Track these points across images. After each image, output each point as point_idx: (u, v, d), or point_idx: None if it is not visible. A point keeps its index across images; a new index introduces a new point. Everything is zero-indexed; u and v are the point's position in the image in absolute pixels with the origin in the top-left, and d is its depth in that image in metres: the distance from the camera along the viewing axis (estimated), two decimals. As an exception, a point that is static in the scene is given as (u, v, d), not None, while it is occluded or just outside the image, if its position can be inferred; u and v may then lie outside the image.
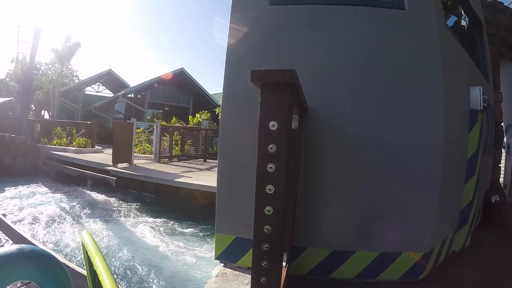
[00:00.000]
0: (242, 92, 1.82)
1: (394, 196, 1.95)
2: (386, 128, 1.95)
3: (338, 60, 1.92)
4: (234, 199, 1.85)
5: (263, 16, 1.91)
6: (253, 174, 1.77)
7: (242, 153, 1.78)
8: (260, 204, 0.91)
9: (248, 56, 1.87)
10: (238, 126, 1.82)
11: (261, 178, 0.89)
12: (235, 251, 1.88)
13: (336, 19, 1.93)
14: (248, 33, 1.88)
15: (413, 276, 1.95)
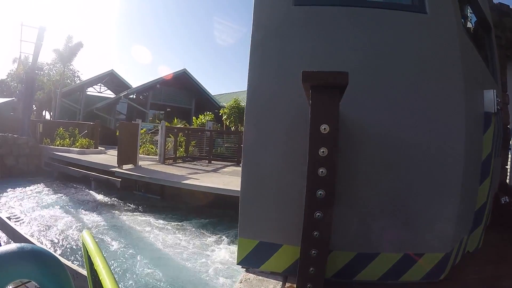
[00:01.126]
0: (267, 93, 1.83)
1: (416, 198, 1.97)
2: (408, 130, 1.97)
3: (360, 62, 1.94)
4: (259, 203, 1.84)
5: (287, 16, 1.92)
6: (278, 178, 1.79)
7: (267, 157, 1.79)
8: (310, 209, 0.90)
9: (272, 56, 1.88)
10: (263, 128, 1.82)
11: (311, 183, 0.89)
12: (258, 256, 1.87)
13: (358, 22, 1.96)
14: (272, 33, 1.89)
15: (434, 276, 1.96)
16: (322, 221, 0.90)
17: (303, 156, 1.77)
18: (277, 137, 1.81)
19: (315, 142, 0.88)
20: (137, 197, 6.93)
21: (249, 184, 1.85)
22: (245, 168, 1.85)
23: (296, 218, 1.76)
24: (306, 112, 1.77)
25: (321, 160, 0.87)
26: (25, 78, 12.32)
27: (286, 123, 1.79)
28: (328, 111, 0.87)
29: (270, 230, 1.82)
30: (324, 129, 0.86)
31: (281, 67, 1.86)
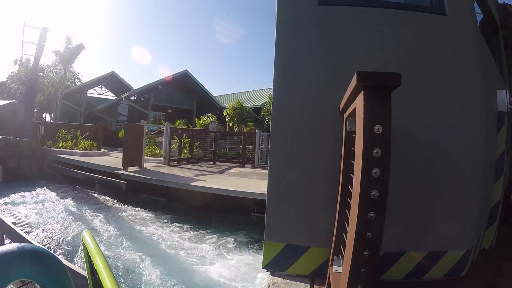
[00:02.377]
0: (293, 95, 1.86)
1: (439, 197, 2.01)
2: (430, 131, 2.01)
3: (386, 63, 1.98)
4: (286, 206, 1.85)
5: (311, 15, 1.96)
6: (306, 180, 1.82)
7: (295, 159, 1.81)
8: (363, 210, 0.92)
9: (298, 56, 1.91)
10: (290, 131, 1.84)
11: (365, 183, 0.91)
12: (284, 259, 1.88)
13: (381, 22, 2.00)
14: (297, 33, 1.93)
15: (455, 273, 2.00)
16: (375, 222, 0.92)
17: (331, 158, 1.81)
18: (304, 139, 1.83)
19: (369, 142, 0.91)
20: (143, 200, 6.91)
21: (276, 187, 1.86)
22: (272, 171, 1.86)
23: (324, 220, 1.80)
24: (333, 113, 1.82)
25: (375, 160, 0.90)
26: (26, 79, 12.32)
27: (313, 125, 1.82)
28: (381, 111, 0.90)
29: (297, 232, 1.83)
30: (378, 129, 0.89)
31: (307, 67, 1.89)
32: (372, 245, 0.97)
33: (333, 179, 1.75)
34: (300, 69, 1.91)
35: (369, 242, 0.96)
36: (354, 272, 0.99)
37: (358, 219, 0.94)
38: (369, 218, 0.94)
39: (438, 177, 2.02)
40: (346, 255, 1.11)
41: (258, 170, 9.22)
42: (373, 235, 0.96)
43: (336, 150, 1.76)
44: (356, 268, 0.99)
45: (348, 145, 1.57)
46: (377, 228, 0.95)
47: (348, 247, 1.08)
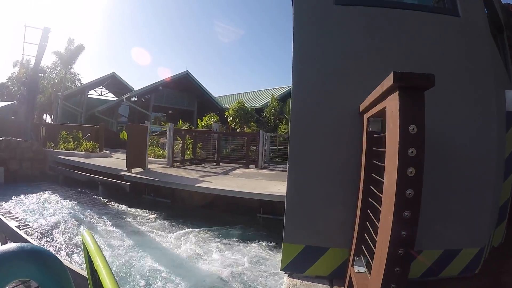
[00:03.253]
0: (311, 94, 1.88)
1: (454, 195, 2.04)
2: (445, 130, 2.04)
3: (398, 61, 2.01)
4: (306, 207, 1.87)
5: (328, 15, 1.98)
6: (325, 181, 1.84)
7: (315, 159, 1.82)
8: (399, 209, 0.94)
9: (315, 54, 1.93)
10: (309, 131, 1.86)
11: (401, 183, 0.93)
12: (303, 261, 1.90)
13: (397, 23, 2.03)
14: (314, 33, 1.95)
15: (470, 271, 2.03)
16: (410, 220, 0.95)
17: (349, 158, 1.83)
18: (322, 140, 1.85)
19: (404, 142, 0.93)
20: (149, 201, 6.90)
21: (295, 189, 1.87)
22: (291, 173, 1.87)
23: (343, 220, 1.81)
24: (351, 114, 1.84)
25: (410, 160, 0.93)
26: (27, 80, 12.33)
27: (331, 125, 1.84)
28: (416, 112, 0.93)
29: (316, 233, 1.84)
30: (412, 129, 0.92)
31: (324, 68, 1.92)
32: (406, 244, 0.99)
33: (352, 179, 1.78)
34: (318, 70, 1.93)
35: (404, 241, 0.98)
36: (388, 271, 1.01)
37: (394, 218, 0.96)
38: (404, 217, 0.97)
39: (453, 176, 2.04)
40: (377, 255, 1.13)
41: (262, 171, 9.23)
42: (408, 233, 0.98)
43: (355, 150, 1.78)
44: (391, 267, 1.01)
45: (369, 145, 1.59)
46: (411, 227, 0.97)
47: (380, 246, 1.10)
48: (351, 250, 1.73)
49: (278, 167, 10.34)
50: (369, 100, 1.40)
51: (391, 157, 1.03)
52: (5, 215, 5.72)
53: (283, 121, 14.62)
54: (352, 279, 1.63)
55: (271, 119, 14.85)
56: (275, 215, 5.82)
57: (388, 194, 1.04)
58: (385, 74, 1.94)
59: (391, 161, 1.03)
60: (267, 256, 4.49)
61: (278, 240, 4.90)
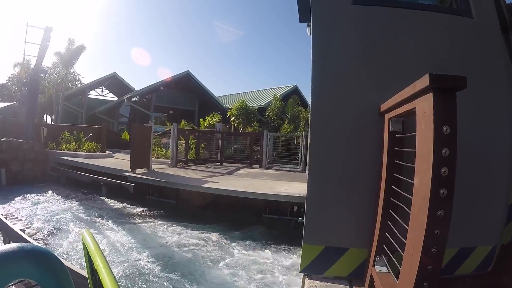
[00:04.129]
0: (331, 94, 1.89)
1: (469, 194, 2.06)
2: (460, 129, 2.07)
3: (414, 61, 2.02)
4: (326, 208, 1.88)
5: (345, 15, 2.00)
6: (346, 181, 1.85)
7: (335, 160, 1.83)
8: (433, 208, 0.96)
9: (333, 54, 1.95)
10: (330, 131, 1.87)
11: (435, 182, 0.95)
12: (323, 262, 1.90)
13: (414, 23, 2.05)
14: (332, 32, 1.97)
15: (483, 268, 2.05)
16: (443, 219, 0.97)
17: (369, 158, 1.85)
18: (343, 140, 1.87)
19: (438, 143, 0.95)
20: (153, 202, 6.89)
21: (316, 189, 1.88)
22: (312, 174, 1.88)
23: (363, 220, 1.83)
24: (370, 113, 1.86)
25: (443, 160, 0.95)
26: (29, 81, 12.34)
27: (352, 125, 1.86)
28: (449, 113, 0.95)
29: (336, 234, 1.85)
30: (446, 130, 0.94)
31: (342, 66, 1.94)
32: (439, 242, 1.01)
33: (372, 179, 1.79)
34: (336, 69, 1.95)
35: (437, 239, 1.01)
36: (421, 269, 1.03)
37: (428, 217, 0.98)
38: (438, 215, 0.99)
39: (469, 176, 2.06)
40: (408, 253, 1.14)
41: (266, 171, 9.26)
42: (441, 232, 1.00)
43: (375, 150, 1.79)
44: (424, 265, 1.02)
45: (391, 146, 1.61)
46: (445, 225, 0.99)
47: (411, 244, 1.12)
48: (371, 250, 1.75)
49: (282, 167, 10.37)
50: (394, 100, 1.42)
51: (423, 157, 1.05)
52: (8, 218, 5.75)
53: (286, 121, 14.65)
54: (374, 278, 1.64)
55: (273, 118, 14.88)
56: (281, 215, 5.85)
57: (420, 194, 1.06)
58: (402, 75, 1.97)
59: (423, 161, 1.04)
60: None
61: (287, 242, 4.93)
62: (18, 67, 19.92)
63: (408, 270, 1.12)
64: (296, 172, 9.34)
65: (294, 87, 21.47)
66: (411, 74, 1.97)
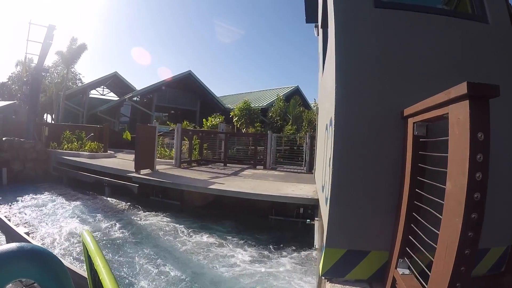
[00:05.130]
0: (355, 97, 1.93)
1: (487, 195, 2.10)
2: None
3: (433, 66, 2.06)
4: (349, 211, 1.90)
5: (367, 17, 2.04)
6: (369, 184, 1.88)
7: (357, 163, 1.86)
8: (468, 211, 1.01)
9: (356, 56, 1.99)
10: (353, 133, 1.89)
11: (470, 187, 1.00)
12: (344, 265, 1.92)
13: (433, 28, 2.09)
14: (354, 35, 2.00)
15: (496, 269, 2.09)
16: (476, 222, 1.02)
17: (390, 162, 1.89)
18: (366, 143, 1.91)
19: (473, 149, 0.99)
20: (157, 203, 6.90)
21: (339, 191, 1.90)
22: (335, 177, 1.90)
23: (384, 223, 1.86)
24: (393, 117, 1.90)
25: (478, 165, 0.99)
26: (30, 79, 12.39)
27: (376, 127, 1.90)
28: (484, 120, 1.00)
29: (358, 237, 1.88)
30: (480, 136, 0.99)
31: (365, 69, 1.98)
32: (472, 244, 1.05)
33: (393, 182, 1.83)
34: (359, 74, 1.98)
35: (471, 241, 1.05)
36: (455, 270, 1.08)
37: (463, 220, 1.03)
38: (472, 218, 1.03)
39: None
40: (439, 256, 1.19)
41: (270, 172, 9.30)
42: (474, 234, 1.05)
43: (396, 154, 1.84)
44: (457, 266, 1.07)
45: (415, 150, 1.65)
46: (478, 228, 1.04)
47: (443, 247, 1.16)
48: (393, 253, 1.78)
49: (285, 168, 10.41)
50: (422, 105, 1.46)
51: (457, 162, 1.09)
52: (8, 217, 5.73)
53: (289, 122, 14.71)
54: (397, 280, 1.68)
55: (277, 119, 14.93)
56: (287, 217, 5.89)
57: (454, 198, 1.10)
58: (423, 79, 2.01)
59: (457, 166, 1.09)
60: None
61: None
62: (20, 65, 19.97)
63: (440, 272, 1.17)
64: (300, 174, 9.39)
65: (296, 88, 21.56)
66: (432, 78, 2.03)
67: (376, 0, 2.04)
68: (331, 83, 2.26)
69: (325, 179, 2.51)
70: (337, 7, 2.06)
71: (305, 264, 4.39)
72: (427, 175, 1.64)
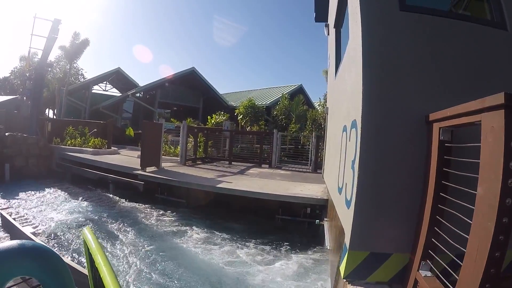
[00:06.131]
0: (381, 99, 1.97)
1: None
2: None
3: (454, 71, 2.11)
4: (373, 213, 1.95)
5: (393, 20, 2.09)
6: (394, 187, 1.93)
7: (384, 166, 1.92)
8: (500, 216, 1.08)
9: (383, 57, 2.05)
10: (379, 136, 1.95)
11: (503, 193, 1.06)
12: (366, 267, 1.97)
13: (457, 33, 2.14)
14: (380, 37, 2.06)
15: (508, 271, 2.15)
16: (507, 226, 1.08)
17: (414, 165, 1.93)
18: (391, 147, 1.96)
19: (507, 156, 1.06)
20: (163, 201, 6.98)
21: (364, 194, 1.95)
22: (361, 180, 1.94)
23: (407, 226, 1.91)
24: (417, 121, 1.94)
25: (510, 172, 1.06)
26: (34, 74, 12.45)
27: (400, 131, 1.95)
28: (515, 128, 1.06)
29: (381, 240, 1.93)
30: (513, 144, 1.05)
31: (390, 72, 2.02)
32: (503, 247, 1.12)
33: (416, 185, 1.89)
34: (385, 75, 2.03)
35: (501, 244, 1.12)
36: (486, 272, 1.14)
37: (496, 225, 1.09)
38: (503, 223, 1.10)
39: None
40: (469, 258, 1.25)
41: (276, 171, 9.37)
42: (504, 237, 1.11)
43: (420, 158, 1.89)
44: (488, 268, 1.14)
45: (441, 154, 1.71)
46: (508, 232, 1.11)
47: (473, 249, 1.22)
48: (415, 255, 1.85)
49: (290, 167, 10.47)
50: (451, 111, 1.51)
51: (489, 169, 1.15)
52: (9, 213, 5.75)
53: (293, 120, 14.74)
54: (420, 282, 1.75)
55: (281, 118, 14.97)
56: (294, 217, 5.96)
57: (486, 202, 1.16)
58: (447, 84, 2.04)
59: (490, 172, 1.15)
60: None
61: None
62: (24, 60, 20.04)
63: (470, 273, 1.23)
64: (306, 173, 9.45)
65: (299, 86, 21.58)
66: (455, 83, 2.07)
67: (402, 4, 2.08)
68: (354, 85, 2.31)
69: (343, 181, 2.56)
70: (363, 8, 2.10)
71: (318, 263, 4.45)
72: (450, 179, 1.69)
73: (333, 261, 3.08)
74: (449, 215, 1.63)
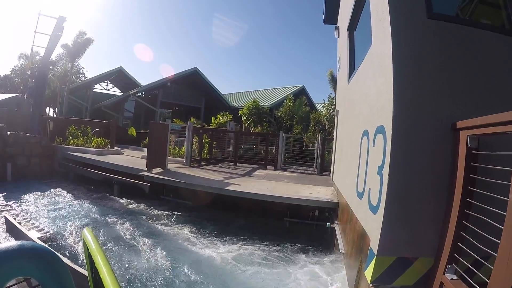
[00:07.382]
0: (411, 104, 2.04)
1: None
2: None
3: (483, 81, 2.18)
4: (402, 218, 2.00)
5: (421, 28, 2.17)
6: (422, 194, 2.00)
7: (412, 171, 1.98)
8: None
9: (413, 63, 2.13)
10: (409, 143, 2.02)
11: None
12: (393, 272, 2.03)
13: (485, 43, 2.22)
14: (409, 45, 2.14)
15: None
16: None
17: (442, 170, 1.99)
18: (420, 153, 2.03)
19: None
20: (168, 203, 6.99)
21: (394, 201, 2.01)
22: (391, 186, 2.00)
23: (433, 230, 1.97)
24: (444, 126, 2.00)
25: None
26: (36, 73, 12.46)
27: (428, 137, 2.03)
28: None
29: (408, 244, 2.00)
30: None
31: (419, 79, 2.10)
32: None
33: (442, 191, 1.97)
34: (418, 83, 2.10)
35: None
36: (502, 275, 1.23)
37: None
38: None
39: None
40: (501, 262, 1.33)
41: (282, 173, 9.43)
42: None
43: (445, 163, 1.97)
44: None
45: (468, 161, 1.79)
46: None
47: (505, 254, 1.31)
48: (440, 259, 1.92)
49: (296, 169, 10.53)
50: (482, 120, 1.59)
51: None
52: (10, 214, 5.73)
53: (295, 121, 14.82)
54: (446, 285, 1.82)
55: (286, 119, 15.06)
56: (302, 219, 6.02)
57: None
58: (473, 91, 2.11)
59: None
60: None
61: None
62: (24, 58, 20.10)
63: (502, 277, 1.31)
64: (312, 175, 9.51)
65: (302, 88, 21.65)
66: (480, 91, 2.14)
67: (429, 12, 2.16)
68: (380, 90, 2.37)
69: (365, 186, 2.63)
70: (393, 15, 2.17)
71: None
72: (476, 185, 1.77)
73: (350, 264, 3.14)
74: (474, 219, 1.70)
